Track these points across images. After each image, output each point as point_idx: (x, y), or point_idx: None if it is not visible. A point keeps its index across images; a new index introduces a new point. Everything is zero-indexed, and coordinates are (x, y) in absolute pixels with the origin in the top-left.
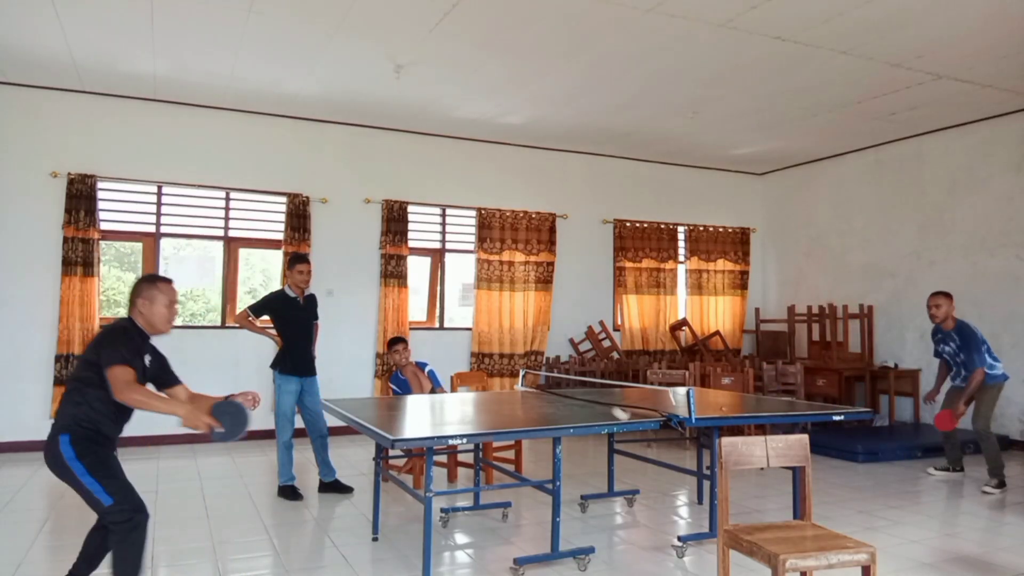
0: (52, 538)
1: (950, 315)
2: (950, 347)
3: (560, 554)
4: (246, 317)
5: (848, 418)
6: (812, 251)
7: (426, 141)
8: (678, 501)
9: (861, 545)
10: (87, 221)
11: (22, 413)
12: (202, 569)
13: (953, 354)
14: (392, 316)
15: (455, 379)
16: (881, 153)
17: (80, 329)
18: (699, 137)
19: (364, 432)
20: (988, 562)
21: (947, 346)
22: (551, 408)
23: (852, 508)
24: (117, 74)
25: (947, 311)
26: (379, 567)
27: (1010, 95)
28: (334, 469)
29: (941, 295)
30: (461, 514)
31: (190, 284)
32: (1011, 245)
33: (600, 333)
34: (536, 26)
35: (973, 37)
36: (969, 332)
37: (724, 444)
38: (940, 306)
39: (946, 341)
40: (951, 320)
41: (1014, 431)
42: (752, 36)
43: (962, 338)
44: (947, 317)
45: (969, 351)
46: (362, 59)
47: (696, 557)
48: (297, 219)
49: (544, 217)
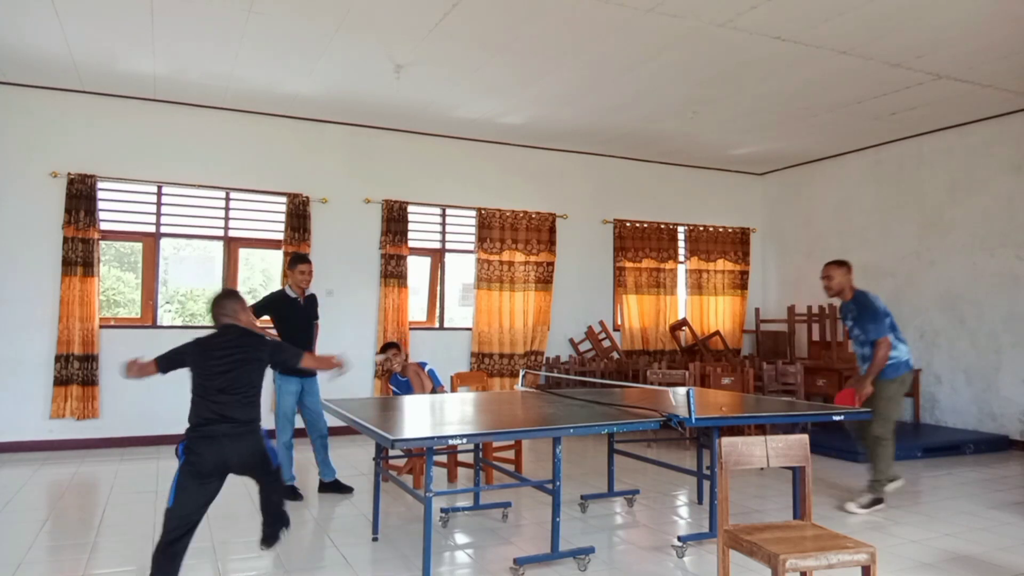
0: (52, 538)
1: (846, 286)
2: (848, 321)
3: (560, 554)
4: None
5: (848, 418)
6: (812, 251)
7: (426, 141)
8: (678, 501)
9: (861, 545)
10: (87, 221)
11: (22, 413)
12: (202, 569)
13: (851, 329)
14: (392, 316)
15: (455, 379)
16: (881, 153)
17: (80, 329)
18: (699, 137)
19: (364, 432)
20: (988, 562)
21: (847, 321)
22: (551, 408)
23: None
24: (117, 74)
25: (841, 282)
26: (379, 567)
27: (1010, 95)
28: (334, 469)
29: (833, 264)
30: (461, 514)
31: (190, 284)
32: (1011, 245)
33: (600, 333)
34: (536, 26)
35: (973, 37)
36: (866, 300)
37: (724, 444)
38: (832, 277)
39: (845, 316)
40: (849, 291)
41: (1014, 431)
42: (752, 36)
43: (858, 307)
44: (843, 288)
45: (864, 321)
46: (362, 59)
47: (696, 557)
48: (297, 219)
49: (544, 217)
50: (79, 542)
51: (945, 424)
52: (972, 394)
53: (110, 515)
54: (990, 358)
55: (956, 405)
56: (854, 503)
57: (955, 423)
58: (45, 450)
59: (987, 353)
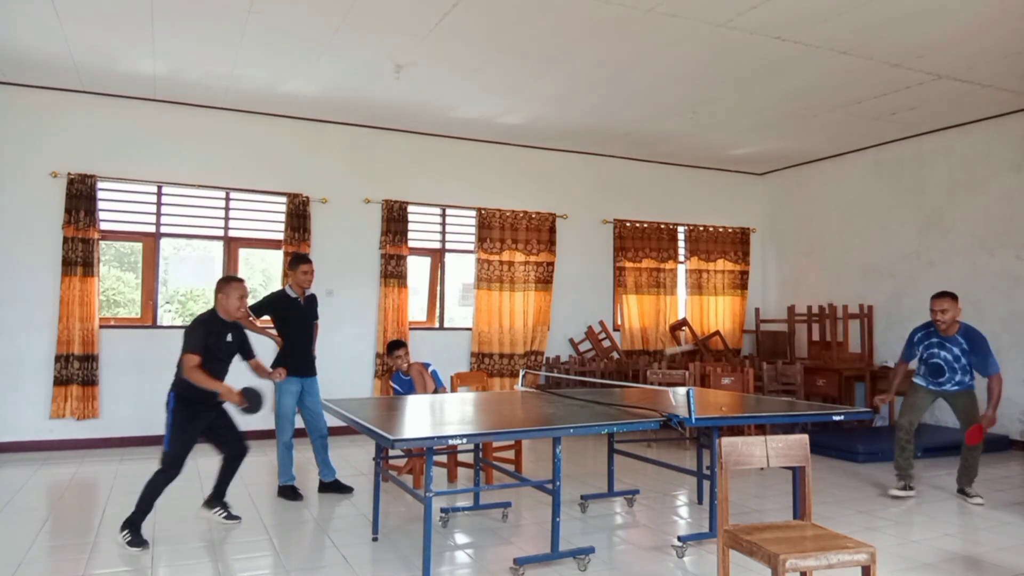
0: (52, 538)
1: (956, 319)
2: (951, 353)
3: (560, 554)
4: (247, 317)
5: (848, 418)
6: (812, 251)
7: (426, 141)
8: (678, 501)
9: (861, 545)
10: (87, 221)
11: (22, 413)
12: (202, 569)
13: (953, 360)
14: (392, 316)
15: (455, 379)
16: (881, 153)
17: (80, 329)
18: (699, 137)
19: (364, 432)
20: (988, 562)
21: (947, 352)
22: (551, 408)
23: (852, 508)
24: (117, 74)
25: (954, 315)
26: (379, 567)
27: (1010, 95)
28: (334, 469)
29: (947, 297)
30: (461, 514)
31: (190, 284)
32: (1011, 245)
33: (600, 333)
34: (536, 26)
35: (973, 37)
36: (980, 336)
37: (724, 444)
38: (947, 310)
39: (944, 347)
40: (956, 325)
41: (1014, 431)
42: (752, 36)
43: (971, 342)
44: (953, 322)
45: (983, 355)
46: (362, 59)
47: (696, 557)
48: (297, 219)
49: (544, 217)
50: (79, 542)
51: (945, 424)
52: None
53: (110, 515)
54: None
55: None
56: (970, 499)
57: (955, 423)
58: (45, 450)
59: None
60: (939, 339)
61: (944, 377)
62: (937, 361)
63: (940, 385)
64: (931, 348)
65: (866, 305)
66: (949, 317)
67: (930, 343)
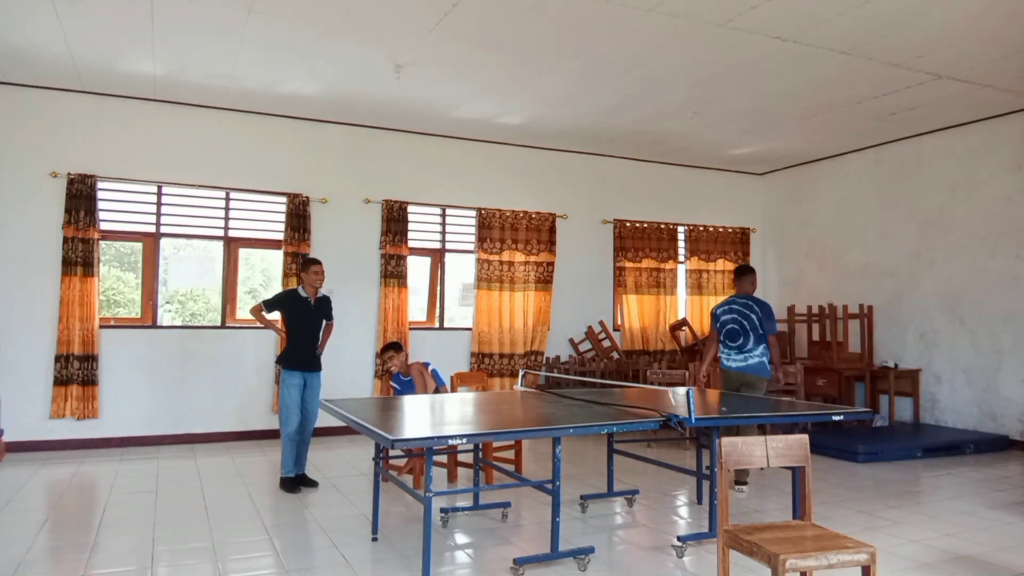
0: (52, 538)
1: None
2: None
3: (560, 554)
4: (260, 310)
5: (848, 418)
6: (812, 251)
7: (426, 141)
8: (678, 501)
9: (861, 545)
10: (87, 221)
11: (22, 413)
12: (202, 569)
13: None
14: (392, 316)
15: (455, 379)
16: (881, 153)
17: (80, 329)
18: (699, 137)
19: (364, 432)
20: (988, 562)
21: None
22: (551, 408)
23: (852, 508)
24: (117, 74)
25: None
26: (379, 567)
27: (1010, 95)
28: (305, 463)
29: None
30: (461, 514)
31: (190, 284)
32: (1011, 245)
33: (600, 333)
34: (536, 26)
35: (973, 37)
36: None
37: (724, 444)
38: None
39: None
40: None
41: (1014, 431)
42: (752, 36)
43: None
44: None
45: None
46: (362, 59)
47: (696, 557)
48: (297, 219)
49: (544, 217)
50: (79, 542)
51: (945, 424)
52: (972, 394)
53: (110, 515)
54: (990, 358)
55: (956, 405)
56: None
57: (955, 423)
58: (45, 450)
59: (987, 353)
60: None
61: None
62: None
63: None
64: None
65: (866, 305)
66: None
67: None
